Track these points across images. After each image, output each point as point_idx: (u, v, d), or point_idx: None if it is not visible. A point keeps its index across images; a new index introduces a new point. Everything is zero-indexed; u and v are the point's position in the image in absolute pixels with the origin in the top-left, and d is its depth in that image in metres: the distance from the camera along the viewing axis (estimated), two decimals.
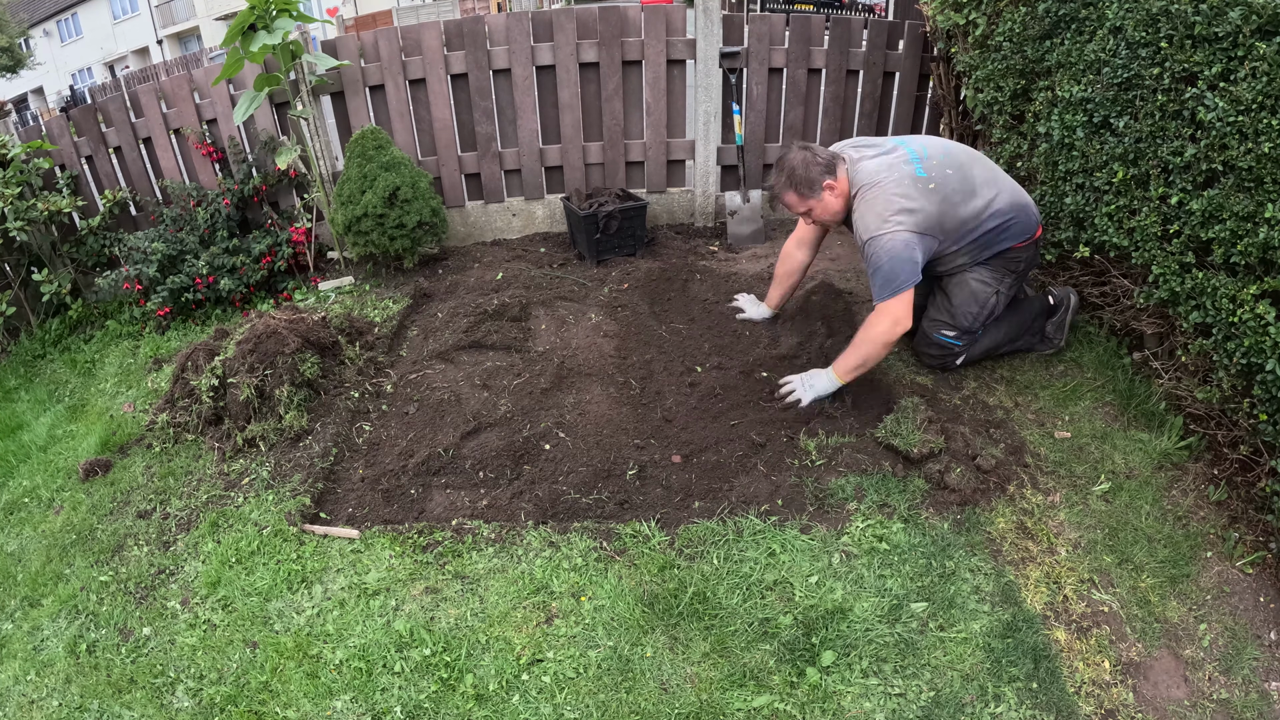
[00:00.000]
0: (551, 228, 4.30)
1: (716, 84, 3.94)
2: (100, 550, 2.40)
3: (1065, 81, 2.60)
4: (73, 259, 4.01)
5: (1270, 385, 1.91)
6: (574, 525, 2.23)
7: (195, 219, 3.86)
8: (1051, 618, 1.92)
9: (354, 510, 2.40)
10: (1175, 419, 2.39)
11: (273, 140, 3.88)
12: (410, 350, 3.18)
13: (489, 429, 2.65)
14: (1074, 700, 1.73)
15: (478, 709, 1.77)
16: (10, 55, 26.58)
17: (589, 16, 3.84)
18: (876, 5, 16.00)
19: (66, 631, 2.13)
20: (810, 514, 2.21)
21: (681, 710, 1.73)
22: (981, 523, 2.17)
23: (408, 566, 2.15)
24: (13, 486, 2.83)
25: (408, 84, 3.91)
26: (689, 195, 4.26)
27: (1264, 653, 1.83)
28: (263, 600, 2.11)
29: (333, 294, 3.75)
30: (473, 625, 1.97)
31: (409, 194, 3.63)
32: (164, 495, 2.57)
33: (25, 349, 3.89)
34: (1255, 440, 2.04)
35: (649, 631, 1.91)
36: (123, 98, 3.90)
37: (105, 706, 1.91)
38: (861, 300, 3.29)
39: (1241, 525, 2.10)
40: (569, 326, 3.21)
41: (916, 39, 3.88)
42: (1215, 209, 2.06)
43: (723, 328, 3.13)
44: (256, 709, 1.84)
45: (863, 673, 1.79)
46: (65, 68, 35.42)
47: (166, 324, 3.75)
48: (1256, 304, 1.93)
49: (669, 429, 2.58)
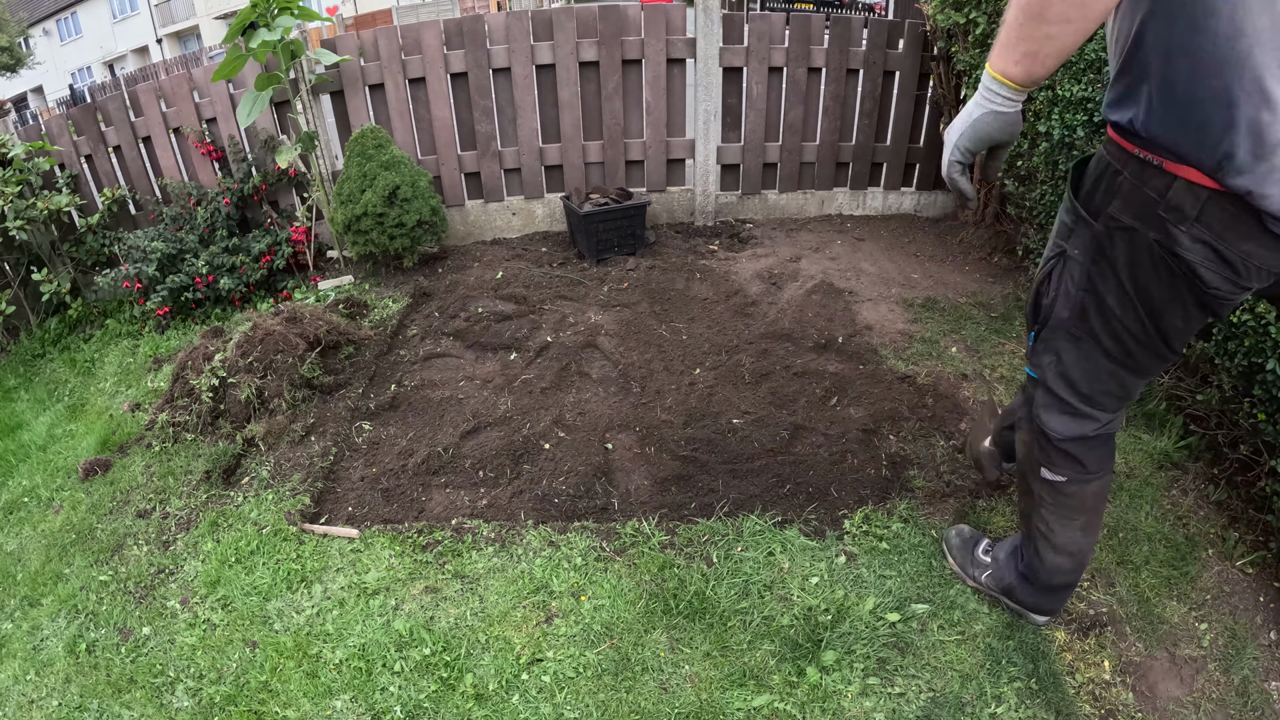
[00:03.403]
0: (551, 227, 4.30)
1: (716, 83, 3.94)
2: (100, 550, 2.40)
3: (1065, 81, 2.60)
4: (72, 258, 4.00)
5: (1270, 385, 1.91)
6: (574, 525, 2.23)
7: (195, 218, 3.86)
8: (1051, 617, 1.92)
9: (354, 510, 2.40)
10: (1175, 419, 2.39)
11: (272, 139, 3.88)
12: (410, 349, 3.18)
13: (489, 428, 2.65)
14: (1074, 700, 1.73)
15: (477, 708, 1.77)
16: (10, 54, 26.55)
17: (589, 15, 3.84)
18: (876, 4, 16.00)
19: (66, 631, 2.13)
20: (810, 513, 2.21)
21: (681, 710, 1.73)
22: (982, 523, 2.17)
23: (407, 566, 2.15)
24: (12, 486, 2.83)
25: (407, 83, 3.91)
26: (689, 194, 4.25)
27: (1264, 653, 1.83)
28: (262, 600, 2.11)
29: (332, 293, 3.75)
30: (472, 625, 1.97)
31: (409, 193, 3.63)
32: (164, 495, 2.57)
33: (25, 348, 3.88)
34: (1255, 440, 2.04)
35: (649, 631, 1.91)
36: (122, 97, 3.89)
37: (105, 706, 1.90)
38: (861, 299, 3.29)
39: (1241, 525, 2.10)
40: (569, 325, 3.21)
41: (917, 38, 3.88)
42: None
43: (723, 326, 3.13)
44: (256, 708, 1.83)
45: (863, 672, 1.79)
46: (65, 67, 35.39)
47: (166, 323, 3.75)
48: (1256, 304, 1.92)
49: (669, 428, 2.58)
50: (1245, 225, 1.08)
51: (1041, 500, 1.63)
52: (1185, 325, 1.26)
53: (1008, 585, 1.83)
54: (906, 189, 4.31)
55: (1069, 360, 1.43)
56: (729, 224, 4.25)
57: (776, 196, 4.29)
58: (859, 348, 2.95)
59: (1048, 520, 1.64)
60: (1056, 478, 1.57)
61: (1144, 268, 1.22)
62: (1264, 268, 1.13)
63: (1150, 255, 1.19)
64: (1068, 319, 1.39)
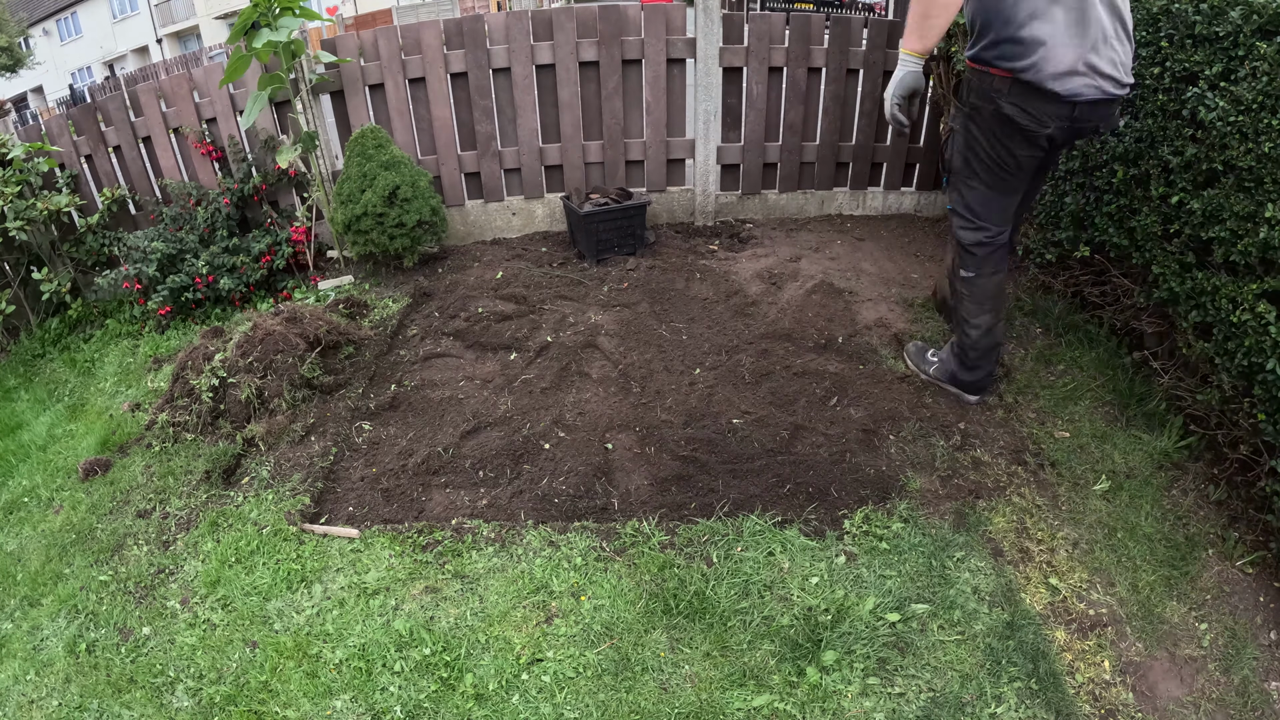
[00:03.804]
0: (551, 226, 4.30)
1: (716, 83, 3.94)
2: (100, 550, 2.40)
3: None
4: (72, 258, 4.00)
5: (1270, 385, 1.91)
6: (574, 524, 2.23)
7: (195, 218, 3.86)
8: (1051, 618, 1.92)
9: (354, 509, 2.40)
10: (1175, 419, 2.39)
11: (272, 139, 3.88)
12: (410, 349, 3.18)
13: (489, 428, 2.65)
14: (1074, 700, 1.73)
15: (477, 708, 1.77)
16: (10, 54, 26.54)
17: (589, 15, 3.84)
18: (877, 4, 16.00)
19: (66, 631, 2.13)
20: (810, 513, 2.21)
21: (681, 710, 1.73)
22: (981, 522, 2.17)
23: (407, 566, 2.15)
24: (12, 486, 2.83)
25: (407, 83, 3.91)
26: (689, 194, 4.25)
27: (1264, 653, 1.83)
28: (262, 600, 2.11)
29: (332, 293, 3.75)
30: (472, 625, 1.97)
31: (409, 193, 3.63)
32: (164, 494, 2.57)
33: (25, 348, 3.89)
34: (1255, 440, 2.04)
35: (649, 631, 1.91)
36: (122, 97, 3.89)
37: (105, 706, 1.90)
38: (861, 299, 3.29)
39: (1241, 525, 2.10)
40: (569, 325, 3.21)
41: None
42: (1215, 209, 2.06)
43: (723, 326, 3.13)
44: (256, 708, 1.83)
45: (863, 672, 1.79)
46: (65, 67, 35.39)
47: (166, 323, 3.75)
48: (1256, 304, 1.92)
49: (669, 428, 2.58)
50: (1029, 92, 2.05)
51: (961, 295, 2.49)
52: (1024, 151, 2.20)
53: (950, 371, 2.62)
54: (906, 189, 4.31)
55: (965, 193, 2.38)
56: (729, 224, 4.25)
57: (776, 196, 4.29)
58: (859, 348, 2.95)
59: (968, 308, 2.48)
60: (968, 273, 2.44)
61: (991, 122, 2.19)
62: (1050, 116, 2.07)
63: (993, 116, 2.17)
64: (961, 168, 2.36)
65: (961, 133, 2.31)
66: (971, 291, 2.44)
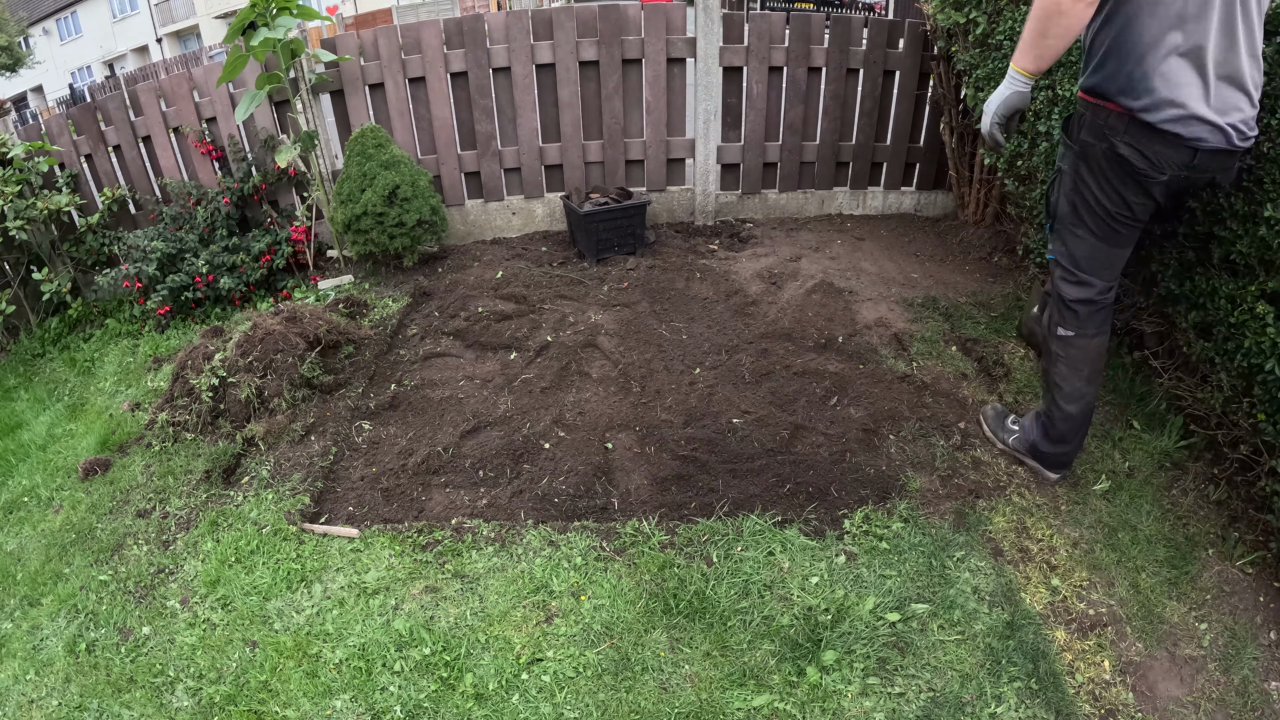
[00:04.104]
0: (551, 226, 4.30)
1: (716, 83, 3.94)
2: (100, 549, 2.40)
3: (1065, 80, 2.60)
4: (72, 257, 4.00)
5: (1270, 385, 1.91)
6: (573, 524, 2.23)
7: (195, 217, 3.86)
8: (1051, 618, 1.92)
9: (354, 509, 2.40)
10: (1175, 419, 2.39)
11: (272, 139, 3.88)
12: (410, 349, 3.18)
13: (489, 428, 2.65)
14: (1074, 700, 1.73)
15: (477, 708, 1.77)
16: (10, 54, 26.53)
17: (589, 15, 3.84)
18: (877, 4, 16.00)
19: (66, 631, 2.13)
20: (810, 513, 2.21)
21: (681, 709, 1.73)
22: (981, 522, 2.17)
23: (407, 565, 2.15)
24: (12, 486, 2.83)
25: (407, 82, 3.91)
26: (689, 194, 4.25)
27: (1264, 653, 1.83)
28: (262, 599, 2.11)
29: (332, 292, 3.75)
30: (472, 624, 1.97)
31: (408, 192, 3.63)
32: (163, 494, 2.57)
33: (25, 348, 3.88)
34: (1255, 440, 2.04)
35: (649, 631, 1.91)
36: (122, 96, 3.89)
37: (105, 706, 1.90)
38: (861, 299, 3.29)
39: (1241, 525, 2.10)
40: (569, 325, 3.21)
41: (917, 37, 3.88)
42: (1215, 209, 2.06)
43: (723, 326, 3.13)
44: (256, 708, 1.83)
45: (863, 672, 1.79)
46: (65, 66, 35.38)
47: (166, 322, 3.75)
48: (1256, 304, 1.92)
49: (669, 428, 2.58)
50: (1150, 134, 1.84)
51: (1057, 356, 2.19)
52: (1137, 198, 1.95)
53: (1031, 443, 2.33)
54: (906, 188, 4.31)
55: (1070, 243, 2.10)
56: (729, 223, 4.25)
57: (776, 196, 4.29)
58: (859, 347, 2.94)
59: (1062, 372, 2.18)
60: (1068, 333, 2.15)
61: (1103, 165, 1.96)
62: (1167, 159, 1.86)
63: (1105, 157, 1.94)
64: (1067, 214, 2.08)
65: (1070, 174, 2.04)
66: (1068, 354, 2.16)
